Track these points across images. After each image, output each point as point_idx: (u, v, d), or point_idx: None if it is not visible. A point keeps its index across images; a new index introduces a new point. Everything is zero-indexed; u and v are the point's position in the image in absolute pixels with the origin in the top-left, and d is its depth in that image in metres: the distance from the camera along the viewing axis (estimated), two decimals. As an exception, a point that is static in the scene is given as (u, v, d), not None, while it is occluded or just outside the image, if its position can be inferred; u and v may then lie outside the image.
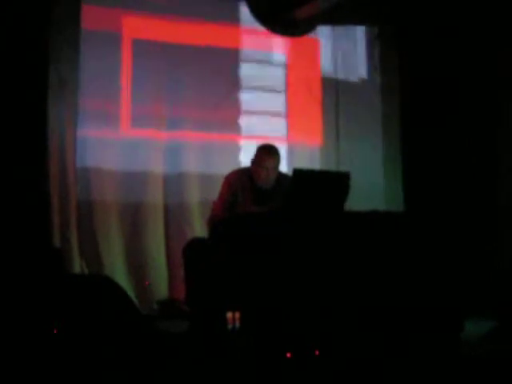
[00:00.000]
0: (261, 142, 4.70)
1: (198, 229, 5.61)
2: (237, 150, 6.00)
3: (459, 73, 6.19)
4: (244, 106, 6.08)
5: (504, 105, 5.95)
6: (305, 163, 6.14)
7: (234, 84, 6.04)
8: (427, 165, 6.30)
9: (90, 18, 5.54)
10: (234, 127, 6.04)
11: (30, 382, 3.20)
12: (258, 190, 4.32)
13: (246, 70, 6.11)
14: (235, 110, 6.05)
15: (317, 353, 3.49)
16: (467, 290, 4.42)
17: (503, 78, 5.94)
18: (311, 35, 6.30)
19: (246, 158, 5.65)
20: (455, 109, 6.21)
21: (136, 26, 5.74)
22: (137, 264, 5.62)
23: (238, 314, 4.02)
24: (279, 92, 6.24)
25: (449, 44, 6.25)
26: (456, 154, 6.20)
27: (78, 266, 5.38)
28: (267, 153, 4.33)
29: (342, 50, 6.51)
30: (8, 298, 3.69)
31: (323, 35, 6.41)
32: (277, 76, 6.25)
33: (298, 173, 3.94)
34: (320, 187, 3.83)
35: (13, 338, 3.44)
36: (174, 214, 5.76)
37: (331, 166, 6.25)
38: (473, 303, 4.60)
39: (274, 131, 6.10)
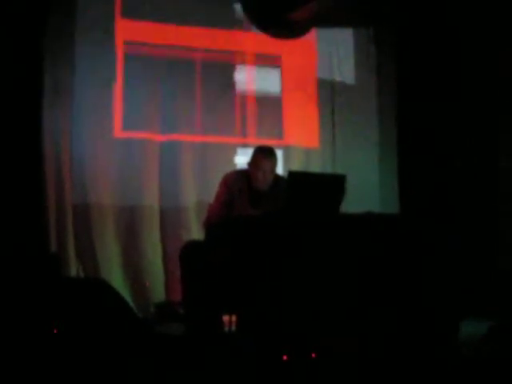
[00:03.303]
0: (257, 144, 4.70)
1: (194, 231, 5.61)
2: (233, 152, 6.00)
3: (458, 74, 6.19)
4: (239, 108, 6.07)
5: (505, 105, 5.95)
6: (301, 165, 6.15)
7: (228, 86, 6.04)
8: (423, 166, 6.30)
9: (85, 22, 5.54)
10: (230, 129, 6.03)
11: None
12: (254, 192, 4.32)
13: (241, 72, 6.11)
14: (230, 111, 6.04)
15: (313, 355, 3.49)
16: (467, 291, 4.42)
17: (504, 78, 5.94)
18: (307, 37, 6.30)
19: (241, 161, 5.66)
20: (453, 109, 6.21)
21: (129, 29, 5.73)
22: (133, 267, 5.61)
23: (234, 317, 4.02)
24: (275, 94, 6.24)
25: (447, 45, 6.24)
26: (454, 155, 6.20)
27: (74, 269, 5.38)
28: (264, 155, 4.34)
29: (337, 52, 6.52)
30: (4, 302, 3.68)
31: (319, 37, 6.41)
32: (272, 78, 6.25)
33: (293, 175, 3.95)
34: (315, 190, 3.83)
35: (9, 342, 3.43)
36: (169, 217, 5.75)
37: (327, 168, 6.25)
38: (473, 303, 4.60)
39: (270, 133, 6.10)
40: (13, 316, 3.57)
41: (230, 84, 6.06)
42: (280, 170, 5.18)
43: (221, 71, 6.03)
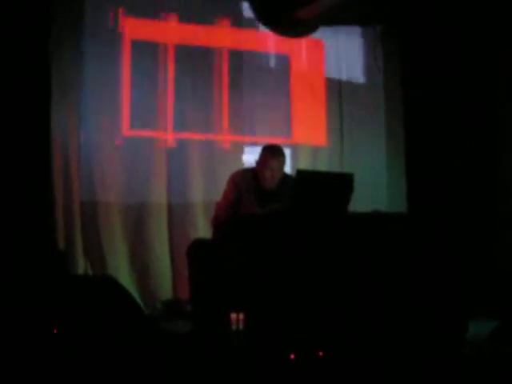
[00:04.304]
0: (264, 142, 4.71)
1: (202, 229, 5.62)
2: (240, 150, 6.00)
3: (461, 73, 6.18)
4: (247, 107, 6.08)
5: (506, 105, 5.94)
6: (308, 164, 6.16)
7: (236, 85, 6.05)
8: (430, 165, 6.30)
9: (93, 21, 5.56)
10: (238, 128, 6.04)
11: (32, 382, 3.21)
12: (262, 191, 4.32)
13: (248, 71, 6.11)
14: (238, 110, 6.05)
15: (320, 354, 3.49)
16: (471, 291, 4.42)
17: (505, 78, 5.94)
18: (314, 36, 6.30)
19: (249, 159, 5.66)
20: (458, 110, 6.21)
21: (136, 27, 5.74)
22: (141, 264, 5.63)
23: (241, 315, 4.03)
24: (282, 93, 6.24)
25: (451, 44, 6.24)
26: (458, 154, 6.20)
27: (82, 267, 5.40)
28: (272, 153, 4.34)
29: (345, 51, 6.52)
30: (13, 299, 3.70)
31: (326, 36, 6.41)
32: (280, 77, 6.25)
33: (301, 174, 3.95)
34: (323, 188, 3.83)
35: (17, 339, 3.45)
36: (177, 215, 5.76)
37: (335, 167, 6.25)
38: (476, 304, 4.60)
39: (278, 132, 6.11)
40: (21, 313, 3.58)
41: (238, 83, 6.06)
42: (288, 168, 5.18)
43: (228, 70, 6.03)
